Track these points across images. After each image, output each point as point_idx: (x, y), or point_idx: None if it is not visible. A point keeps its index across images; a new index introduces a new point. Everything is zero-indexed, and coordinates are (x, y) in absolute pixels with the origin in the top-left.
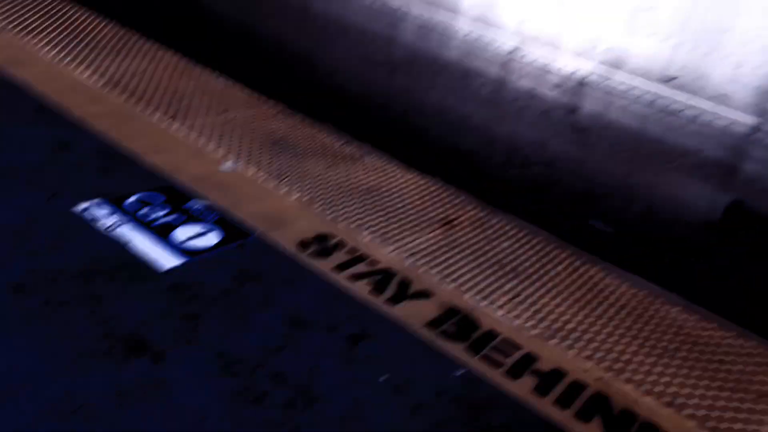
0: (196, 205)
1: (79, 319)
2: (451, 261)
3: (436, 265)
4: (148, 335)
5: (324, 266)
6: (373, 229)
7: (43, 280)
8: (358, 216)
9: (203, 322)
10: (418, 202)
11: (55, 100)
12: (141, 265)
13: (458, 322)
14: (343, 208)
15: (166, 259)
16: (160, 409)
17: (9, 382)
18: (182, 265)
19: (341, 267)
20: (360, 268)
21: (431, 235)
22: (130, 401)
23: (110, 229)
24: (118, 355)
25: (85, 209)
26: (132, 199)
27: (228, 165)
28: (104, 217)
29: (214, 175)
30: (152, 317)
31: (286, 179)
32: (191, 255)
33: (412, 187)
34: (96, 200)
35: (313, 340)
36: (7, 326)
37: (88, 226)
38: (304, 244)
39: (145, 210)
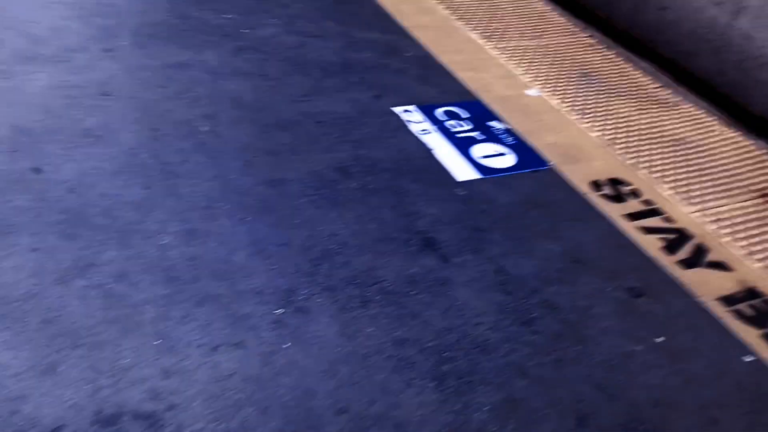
0: (497, 125)
1: (386, 207)
2: (762, 238)
3: (744, 238)
4: (439, 236)
5: (614, 211)
6: (676, 183)
7: (362, 167)
8: (661, 167)
9: (488, 236)
10: (734, 165)
11: (390, 8)
12: (442, 172)
13: (757, 306)
14: (645, 155)
15: (464, 171)
16: (442, 303)
17: (327, 247)
18: (477, 180)
19: (633, 216)
20: (653, 221)
21: (744, 204)
22: (419, 289)
23: (421, 133)
24: (414, 247)
25: (403, 111)
26: (442, 109)
27: (533, 91)
28: (417, 121)
29: (518, 99)
30: (445, 221)
31: (589, 114)
32: (487, 172)
33: (730, 146)
34: (412, 105)
35: (591, 282)
36: (332, 201)
37: (403, 126)
38: (597, 185)
39: (451, 121)
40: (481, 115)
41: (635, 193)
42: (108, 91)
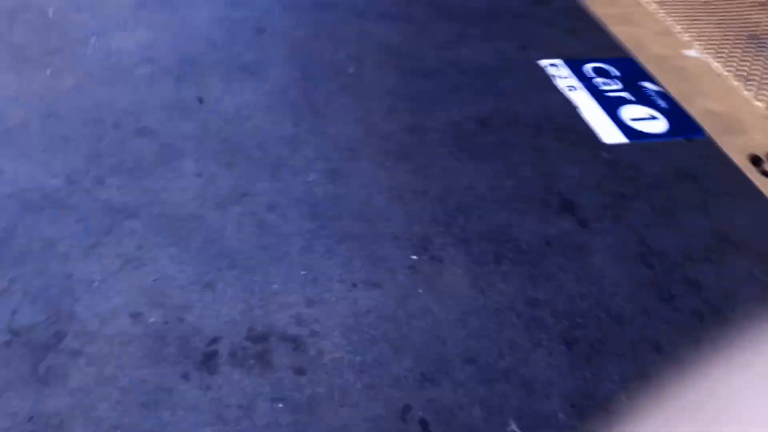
0: (651, 86)
1: (525, 164)
2: None
3: None
4: (579, 199)
5: None
6: None
7: (504, 121)
8: None
9: (632, 204)
10: None
11: None
12: (586, 132)
13: None
14: None
15: (610, 133)
16: (578, 268)
17: (463, 199)
18: (624, 144)
19: None
20: None
21: None
22: (554, 252)
23: (566, 89)
24: (552, 207)
25: (549, 65)
26: (591, 65)
27: (693, 52)
28: (563, 76)
29: (675, 60)
30: (587, 185)
31: (754, 82)
32: (635, 136)
33: None
34: (559, 59)
35: (740, 264)
36: (470, 153)
37: (548, 80)
38: (756, 160)
39: (600, 79)
40: (632, 74)
41: None
42: (263, 27)
